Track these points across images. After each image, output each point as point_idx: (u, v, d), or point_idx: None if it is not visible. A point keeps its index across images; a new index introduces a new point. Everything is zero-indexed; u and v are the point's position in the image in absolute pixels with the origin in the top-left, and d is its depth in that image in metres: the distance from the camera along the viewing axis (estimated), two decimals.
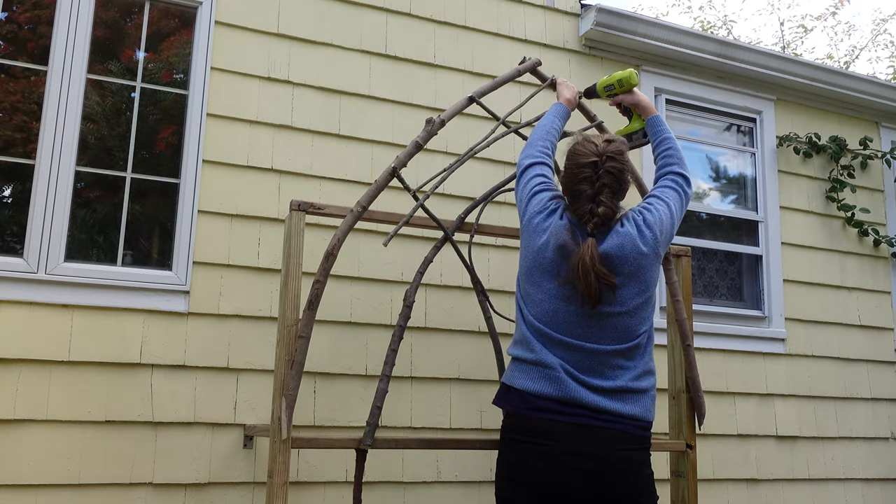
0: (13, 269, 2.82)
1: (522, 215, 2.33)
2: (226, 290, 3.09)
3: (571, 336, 2.12)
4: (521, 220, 2.33)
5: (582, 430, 2.01)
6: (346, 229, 2.54)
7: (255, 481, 3.00)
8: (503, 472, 2.15)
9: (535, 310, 2.18)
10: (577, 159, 2.23)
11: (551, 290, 2.15)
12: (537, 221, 2.24)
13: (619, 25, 3.99)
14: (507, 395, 2.21)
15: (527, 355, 2.16)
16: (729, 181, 4.52)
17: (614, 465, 2.01)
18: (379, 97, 3.50)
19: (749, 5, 26.82)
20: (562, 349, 2.11)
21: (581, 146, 2.25)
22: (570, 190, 2.25)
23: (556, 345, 2.12)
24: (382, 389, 2.64)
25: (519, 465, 2.07)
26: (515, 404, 2.14)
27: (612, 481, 2.00)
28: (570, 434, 2.00)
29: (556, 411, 2.04)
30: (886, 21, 18.33)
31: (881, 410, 4.45)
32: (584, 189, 2.20)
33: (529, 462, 2.04)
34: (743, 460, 3.99)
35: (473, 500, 3.34)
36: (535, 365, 2.13)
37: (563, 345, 2.12)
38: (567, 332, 2.12)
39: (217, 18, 3.27)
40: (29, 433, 2.74)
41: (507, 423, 2.20)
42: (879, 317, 4.57)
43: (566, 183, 2.27)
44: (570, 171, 2.24)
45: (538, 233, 2.22)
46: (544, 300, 2.16)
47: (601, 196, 2.17)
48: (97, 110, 3.15)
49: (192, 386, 2.98)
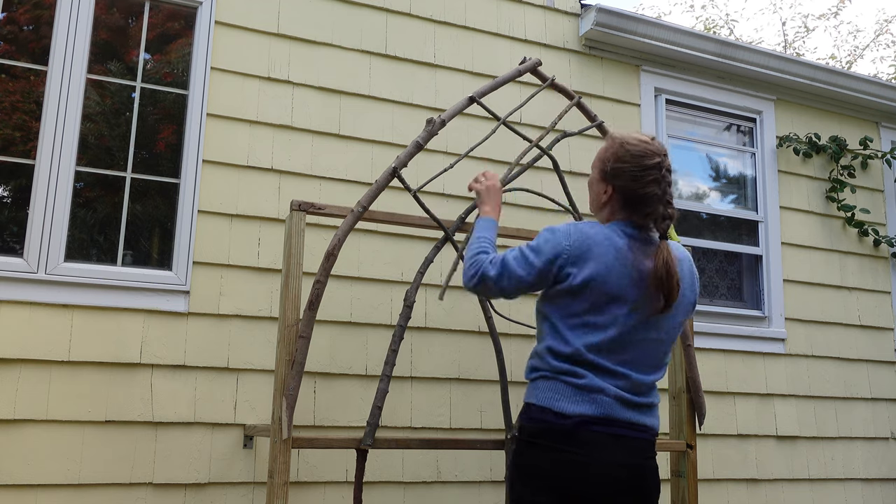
0: (13, 269, 2.82)
1: (548, 286, 2.13)
2: (226, 290, 3.09)
3: (626, 366, 2.08)
4: (548, 291, 2.14)
5: (619, 441, 2.04)
6: (346, 229, 2.54)
7: (255, 481, 3.00)
8: (534, 478, 2.05)
9: (593, 338, 2.06)
10: (641, 161, 2.09)
11: (621, 313, 2.06)
12: (571, 273, 2.07)
13: (619, 25, 3.99)
14: (541, 412, 2.08)
15: (574, 381, 2.06)
16: (729, 181, 4.52)
17: (644, 473, 2.09)
18: (379, 97, 3.50)
19: (751, 4, 26.78)
20: (612, 377, 2.07)
21: (637, 146, 2.11)
22: (636, 194, 2.09)
23: (607, 374, 2.06)
24: (382, 389, 2.64)
25: (554, 472, 2.01)
26: (551, 420, 2.06)
27: (640, 487, 2.07)
28: (609, 444, 2.03)
29: (596, 423, 2.03)
30: (889, 21, 18.32)
31: (881, 410, 4.45)
32: (653, 191, 2.08)
33: (566, 470, 2.00)
34: (743, 460, 3.99)
35: (473, 500, 3.34)
36: (582, 390, 2.04)
37: (615, 374, 2.07)
38: (624, 362, 2.07)
39: (217, 18, 3.27)
40: (29, 433, 2.74)
41: (538, 430, 2.08)
42: (879, 317, 4.56)
43: (629, 188, 2.10)
44: (634, 175, 2.09)
45: (585, 271, 2.06)
46: (608, 323, 2.05)
47: (668, 196, 2.09)
48: (97, 110, 3.15)
49: (192, 386, 2.98)
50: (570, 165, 3.78)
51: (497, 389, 3.23)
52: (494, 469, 3.36)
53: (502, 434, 3.23)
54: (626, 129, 3.99)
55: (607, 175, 2.15)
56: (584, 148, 3.85)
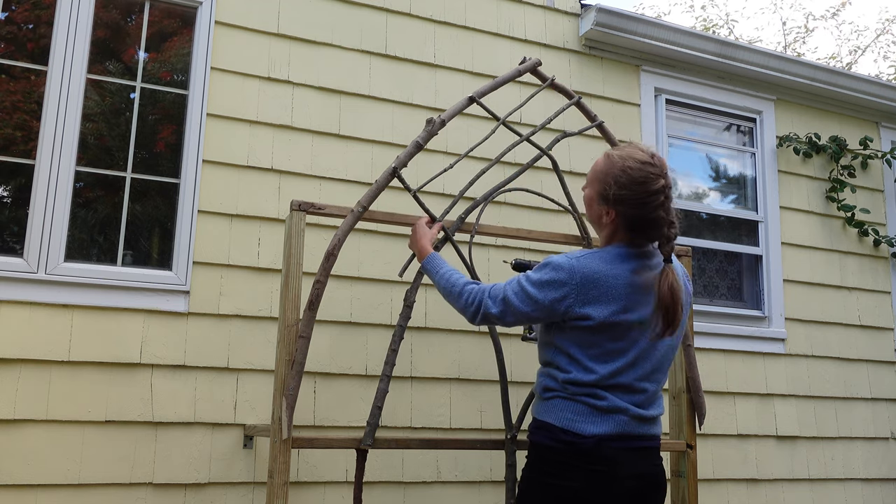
0: (13, 269, 2.82)
1: (557, 321, 2.11)
2: (226, 290, 3.09)
3: (644, 380, 2.10)
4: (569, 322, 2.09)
5: (637, 454, 2.09)
6: (346, 229, 2.54)
7: (255, 481, 3.00)
8: (557, 495, 2.03)
9: (616, 364, 2.06)
10: (645, 187, 2.04)
11: (638, 336, 2.07)
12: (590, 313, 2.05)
13: (619, 25, 3.99)
14: (564, 434, 2.06)
15: (594, 402, 2.05)
16: (729, 181, 4.52)
17: (657, 479, 2.16)
18: (379, 97, 3.50)
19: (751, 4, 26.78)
20: (630, 393, 2.09)
21: (640, 170, 2.06)
22: (641, 220, 2.07)
23: (627, 391, 2.07)
24: (382, 389, 2.64)
25: (578, 490, 2.02)
26: (573, 440, 2.05)
27: (655, 491, 2.15)
28: (629, 459, 2.07)
29: (613, 440, 2.05)
30: (892, 21, 18.31)
31: (881, 410, 4.45)
32: (661, 216, 2.05)
33: (590, 488, 2.02)
34: (743, 460, 3.99)
35: (473, 500, 3.34)
36: (602, 411, 2.05)
37: (634, 390, 2.09)
38: (641, 378, 2.09)
39: (217, 18, 3.27)
40: (29, 433, 2.74)
41: (562, 450, 2.05)
42: (879, 317, 4.56)
43: (633, 214, 2.07)
44: (640, 201, 2.05)
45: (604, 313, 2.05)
46: (628, 347, 2.06)
47: (671, 217, 2.07)
48: (97, 110, 3.15)
49: (192, 386, 2.98)
50: (570, 165, 3.79)
51: (497, 389, 3.22)
52: (494, 469, 3.36)
53: (502, 434, 3.23)
54: (628, 135, 4.00)
55: (609, 200, 2.10)
56: (584, 148, 3.85)
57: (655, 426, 2.17)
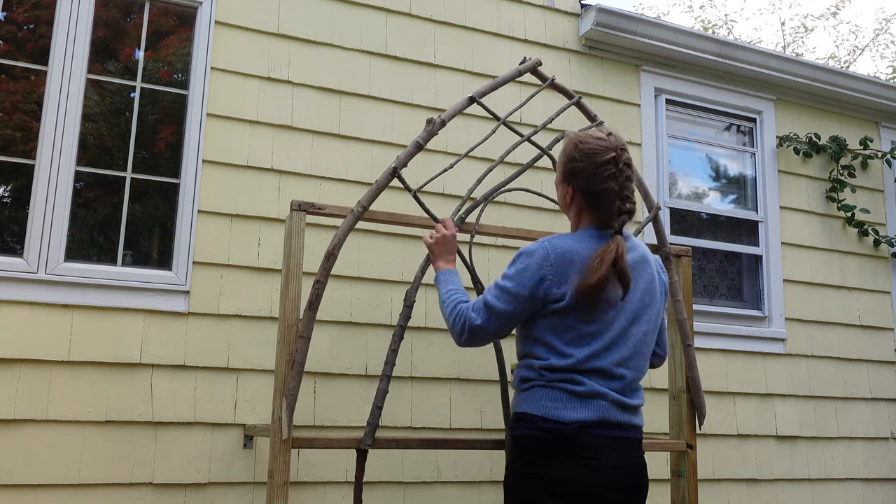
0: (13, 269, 2.82)
1: (537, 309, 2.10)
2: (226, 290, 3.09)
3: (622, 366, 2.09)
4: (551, 305, 2.09)
5: (619, 444, 2.08)
6: (346, 229, 2.54)
7: (255, 481, 3.00)
8: (543, 485, 2.03)
9: (592, 346, 2.06)
10: (595, 157, 2.10)
11: (612, 315, 2.08)
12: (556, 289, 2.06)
13: (619, 25, 3.99)
14: (544, 422, 2.06)
15: (572, 387, 2.05)
16: (729, 181, 4.52)
17: (639, 471, 2.13)
18: (379, 97, 3.50)
19: (750, 4, 26.80)
20: (609, 379, 2.08)
21: (591, 143, 2.12)
22: (592, 191, 2.11)
23: (606, 377, 2.07)
24: (382, 389, 2.63)
25: (565, 479, 2.01)
26: (552, 427, 2.04)
27: (636, 484, 2.11)
28: (612, 448, 2.05)
29: (593, 426, 2.05)
30: (889, 21, 18.32)
31: (881, 410, 4.45)
32: (611, 187, 2.09)
33: (576, 476, 2.01)
34: (743, 460, 3.99)
35: (473, 500, 3.33)
36: (581, 397, 2.04)
37: (612, 376, 2.08)
38: (619, 363, 2.09)
39: (217, 18, 3.27)
40: (29, 433, 2.74)
41: (543, 439, 2.06)
42: (879, 317, 4.56)
43: (587, 186, 2.12)
44: (590, 172, 2.11)
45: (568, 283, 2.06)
46: (603, 328, 2.07)
47: (626, 192, 2.11)
48: (97, 110, 3.15)
49: (192, 386, 2.98)
50: None
51: (497, 389, 3.22)
52: (494, 469, 3.36)
53: (502, 434, 3.23)
54: (628, 135, 4.00)
55: (567, 177, 2.17)
56: None
57: (637, 416, 2.15)
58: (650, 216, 3.07)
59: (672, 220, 4.16)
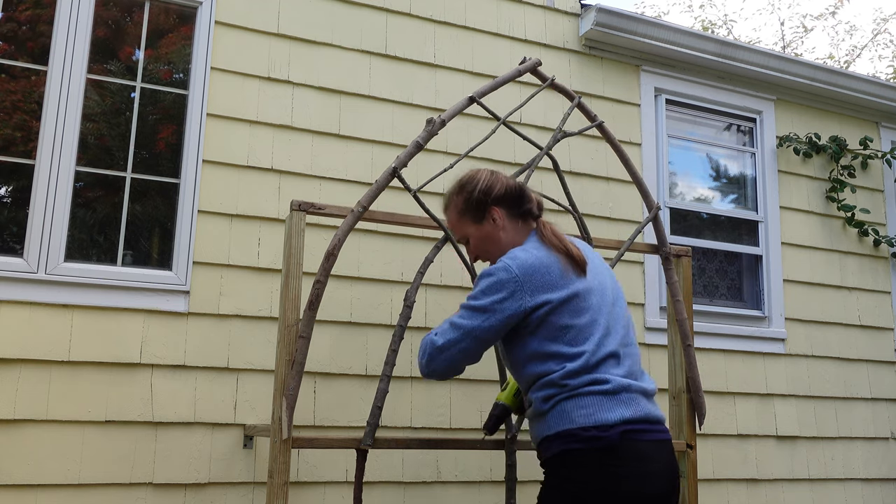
0: (13, 269, 2.82)
1: (517, 321, 2.10)
2: (226, 290, 3.09)
3: (625, 346, 2.10)
4: (526, 320, 2.09)
5: (658, 447, 2.04)
6: (346, 229, 2.54)
7: (255, 481, 3.00)
8: (591, 498, 1.96)
9: (593, 338, 2.06)
10: (505, 181, 2.32)
11: (592, 301, 2.10)
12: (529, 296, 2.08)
13: (619, 25, 3.99)
14: (584, 431, 1.98)
15: (600, 388, 2.01)
16: (729, 181, 4.52)
17: (676, 476, 2.08)
18: (379, 97, 3.50)
19: (749, 4, 26.81)
20: (620, 364, 2.06)
21: (488, 180, 2.31)
22: (514, 200, 2.29)
23: (616, 361, 2.06)
24: (383, 389, 2.63)
25: (614, 490, 1.94)
26: (595, 435, 1.97)
27: (675, 492, 2.07)
28: (653, 451, 2.01)
29: (636, 424, 2.00)
30: (887, 21, 18.32)
31: (881, 410, 4.45)
32: (528, 192, 2.33)
33: (625, 486, 1.95)
34: (743, 460, 3.99)
35: (473, 500, 3.33)
36: (612, 394, 2.01)
37: (621, 357, 2.07)
38: (622, 343, 2.09)
39: (217, 18, 3.27)
40: (29, 433, 2.74)
41: (586, 450, 1.98)
42: (879, 317, 4.57)
43: (512, 202, 2.28)
44: (510, 190, 2.30)
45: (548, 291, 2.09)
46: (592, 319, 2.08)
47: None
48: (97, 110, 3.14)
49: (192, 386, 2.97)
50: (570, 165, 3.79)
51: (497, 389, 3.22)
52: (494, 469, 3.36)
53: (502, 434, 3.23)
54: (628, 135, 4.00)
55: (487, 203, 2.28)
56: (584, 148, 3.86)
57: (657, 407, 2.13)
58: (650, 216, 3.07)
59: (672, 220, 4.16)
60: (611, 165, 3.86)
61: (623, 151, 3.06)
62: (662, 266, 3.15)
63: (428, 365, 2.14)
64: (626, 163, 3.07)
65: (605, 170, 3.90)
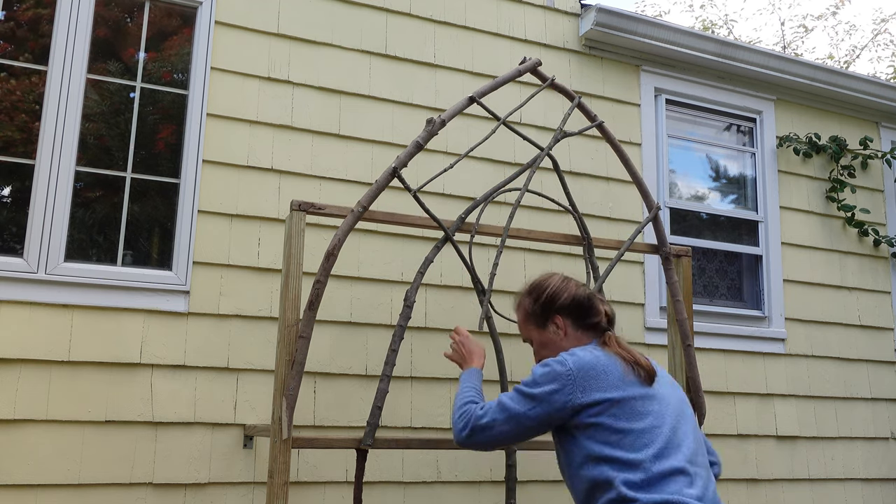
0: (13, 269, 2.82)
1: (565, 419, 2.04)
2: (226, 290, 3.09)
3: (695, 464, 1.96)
4: (577, 419, 2.02)
5: None
6: (346, 229, 2.54)
7: (255, 481, 3.00)
8: None
9: (654, 444, 1.94)
10: (574, 290, 2.28)
11: (655, 408, 2.01)
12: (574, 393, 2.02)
13: (619, 25, 3.99)
14: None
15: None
16: (729, 181, 4.52)
17: None
18: (379, 97, 3.50)
19: (750, 5, 26.80)
20: (692, 483, 1.92)
21: (556, 288, 2.28)
22: (580, 311, 2.25)
23: (686, 477, 1.92)
24: (383, 389, 2.64)
25: None
26: None
27: None
28: None
29: None
30: (887, 21, 18.32)
31: (881, 410, 4.45)
32: (596, 304, 2.26)
33: None
34: (743, 460, 3.99)
35: (473, 500, 3.33)
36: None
37: (693, 479, 1.93)
38: (691, 459, 1.96)
39: (217, 18, 3.27)
40: (29, 433, 2.74)
41: None
42: (879, 317, 4.57)
43: (578, 313, 2.24)
44: (577, 301, 2.25)
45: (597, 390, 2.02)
46: (656, 422, 1.98)
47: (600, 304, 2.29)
48: (97, 110, 3.14)
49: (192, 386, 2.97)
50: (570, 165, 3.79)
51: (497, 389, 3.22)
52: (494, 469, 3.36)
53: None
54: (628, 135, 4.00)
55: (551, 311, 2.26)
56: (584, 148, 3.86)
57: None
58: (650, 216, 3.07)
59: (672, 220, 4.16)
60: (611, 165, 3.86)
61: (623, 151, 3.07)
62: (662, 266, 3.15)
63: (468, 437, 2.15)
64: (626, 163, 3.08)
65: (605, 170, 3.90)
